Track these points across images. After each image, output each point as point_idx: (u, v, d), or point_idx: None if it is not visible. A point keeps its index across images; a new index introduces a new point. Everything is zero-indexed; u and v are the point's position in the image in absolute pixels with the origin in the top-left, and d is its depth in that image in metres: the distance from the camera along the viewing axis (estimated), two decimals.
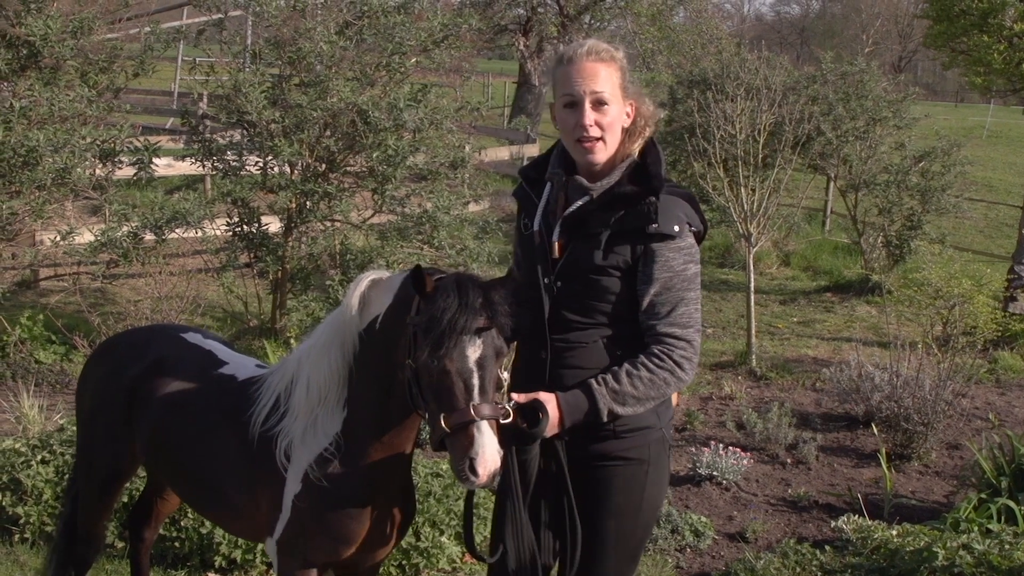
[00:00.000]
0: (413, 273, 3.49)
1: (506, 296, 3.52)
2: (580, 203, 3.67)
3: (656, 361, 3.56)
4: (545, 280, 3.70)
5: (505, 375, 3.54)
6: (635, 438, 3.70)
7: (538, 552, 3.72)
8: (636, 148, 3.71)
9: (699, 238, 3.72)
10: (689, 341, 3.60)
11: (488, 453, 3.34)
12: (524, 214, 3.90)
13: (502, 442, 3.43)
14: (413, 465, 6.28)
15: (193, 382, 4.46)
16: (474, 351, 3.44)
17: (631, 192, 3.61)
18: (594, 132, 3.61)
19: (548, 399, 3.56)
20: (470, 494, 3.88)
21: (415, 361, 3.49)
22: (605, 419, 3.56)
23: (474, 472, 3.34)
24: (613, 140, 3.65)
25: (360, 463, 3.86)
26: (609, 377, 3.56)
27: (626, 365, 3.58)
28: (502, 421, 3.45)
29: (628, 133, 3.72)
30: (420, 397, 3.53)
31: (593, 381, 3.57)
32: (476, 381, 3.42)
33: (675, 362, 3.57)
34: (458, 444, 3.38)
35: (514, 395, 3.57)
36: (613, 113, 3.62)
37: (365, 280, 3.82)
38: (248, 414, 4.11)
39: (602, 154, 3.64)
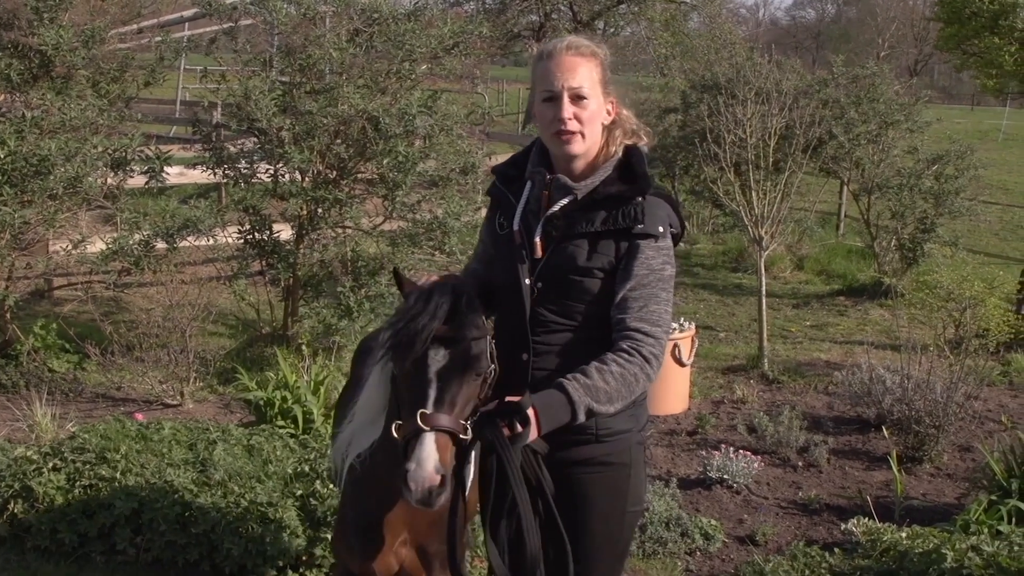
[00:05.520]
0: (393, 274, 3.43)
1: (477, 306, 3.39)
2: (564, 202, 3.61)
3: (625, 356, 3.44)
4: (526, 281, 3.61)
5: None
6: (617, 442, 3.63)
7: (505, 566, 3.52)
8: (619, 149, 3.68)
9: (676, 239, 3.69)
10: (657, 339, 3.50)
11: (423, 469, 3.12)
12: (500, 213, 3.81)
13: (459, 456, 3.29)
14: None
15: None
16: (434, 360, 3.25)
17: (617, 192, 3.57)
18: (572, 126, 3.56)
19: (523, 403, 3.36)
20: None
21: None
22: (583, 418, 3.39)
23: (406, 486, 3.14)
24: (592, 135, 3.61)
25: (376, 481, 3.72)
26: (579, 375, 3.41)
27: (594, 363, 3.44)
28: (461, 436, 3.26)
29: (609, 132, 3.69)
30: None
31: (564, 381, 3.40)
32: (432, 392, 3.23)
33: (644, 357, 3.46)
34: (405, 455, 3.18)
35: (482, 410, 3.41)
36: (592, 108, 3.58)
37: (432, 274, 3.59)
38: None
39: (579, 147, 3.60)
